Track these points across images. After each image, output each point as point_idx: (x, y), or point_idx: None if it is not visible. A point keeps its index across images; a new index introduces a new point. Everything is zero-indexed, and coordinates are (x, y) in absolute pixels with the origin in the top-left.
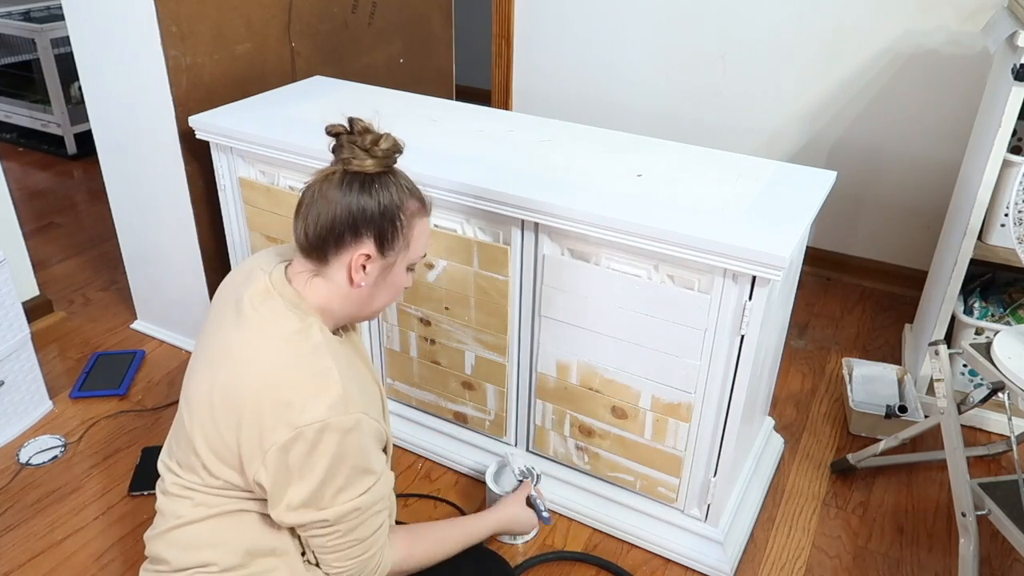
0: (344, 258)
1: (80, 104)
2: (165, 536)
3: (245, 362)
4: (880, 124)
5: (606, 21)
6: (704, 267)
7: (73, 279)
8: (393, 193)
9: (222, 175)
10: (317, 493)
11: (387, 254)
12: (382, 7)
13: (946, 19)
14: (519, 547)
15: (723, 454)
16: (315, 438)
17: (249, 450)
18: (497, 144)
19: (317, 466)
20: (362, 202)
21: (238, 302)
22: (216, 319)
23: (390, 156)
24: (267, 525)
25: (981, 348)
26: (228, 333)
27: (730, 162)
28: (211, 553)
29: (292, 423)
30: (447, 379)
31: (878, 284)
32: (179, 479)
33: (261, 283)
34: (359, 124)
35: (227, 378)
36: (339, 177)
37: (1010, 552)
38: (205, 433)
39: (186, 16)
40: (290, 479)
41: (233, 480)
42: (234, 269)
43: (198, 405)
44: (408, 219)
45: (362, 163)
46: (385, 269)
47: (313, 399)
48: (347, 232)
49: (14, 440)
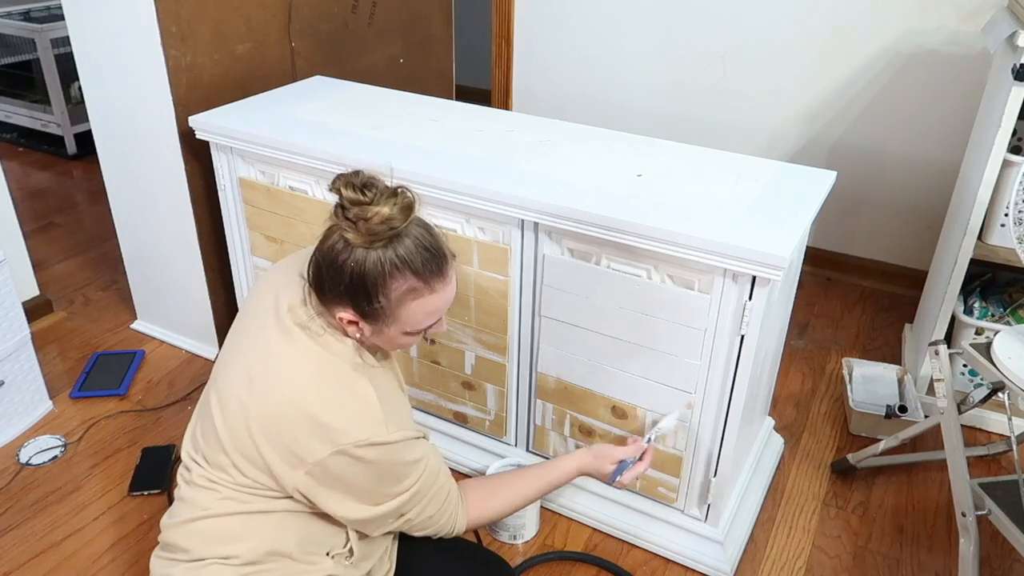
0: (335, 311)
1: (80, 104)
2: (187, 526)
3: (285, 381)
4: (880, 124)
5: (606, 21)
6: (704, 267)
7: (73, 279)
8: (370, 267)
9: (222, 175)
10: (372, 493)
11: (370, 322)
12: (382, 7)
13: (946, 19)
14: (519, 547)
15: (723, 454)
16: (359, 454)
17: (288, 460)
18: (497, 144)
19: (361, 476)
20: (337, 267)
21: (278, 306)
22: (255, 314)
23: (377, 235)
24: (292, 525)
25: (981, 348)
26: (268, 342)
27: (730, 162)
28: (235, 547)
29: (334, 442)
30: (447, 379)
31: (878, 284)
32: (206, 472)
33: (300, 294)
34: (349, 195)
35: (266, 393)
36: (335, 232)
37: (1010, 552)
38: (236, 439)
39: (186, 16)
40: (335, 487)
41: (264, 482)
42: (279, 263)
43: (231, 409)
44: (390, 296)
45: (347, 235)
46: (375, 332)
47: (355, 421)
48: (328, 290)
49: (14, 440)
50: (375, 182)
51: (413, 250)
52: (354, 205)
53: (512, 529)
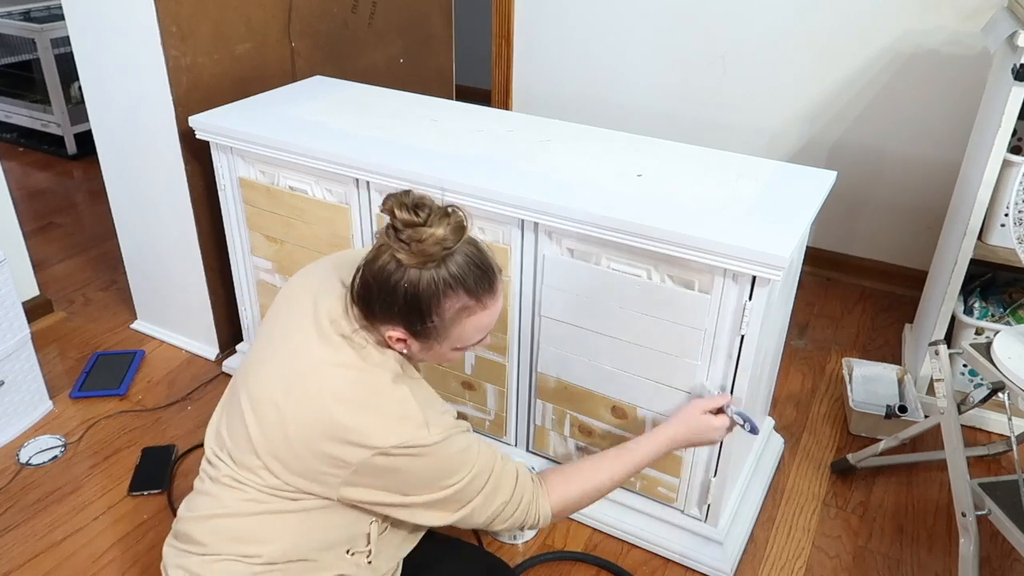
0: (381, 328)
1: (80, 104)
2: (207, 521)
3: (327, 391)
4: (880, 124)
5: (606, 21)
6: (704, 267)
7: (73, 279)
8: (424, 287)
9: (222, 175)
10: (424, 488)
11: (420, 340)
12: (382, 7)
13: (946, 19)
14: (519, 547)
15: (723, 454)
16: (402, 453)
17: (331, 467)
18: (497, 144)
19: (407, 472)
20: (390, 287)
21: (317, 313)
22: (290, 317)
23: (431, 256)
24: (314, 524)
25: (981, 348)
26: (308, 348)
27: (730, 162)
28: (256, 548)
29: (376, 447)
30: (447, 379)
31: (878, 284)
32: (233, 471)
33: (342, 304)
34: (403, 216)
35: (305, 400)
36: (385, 251)
37: (1010, 552)
38: (272, 443)
39: (186, 16)
40: (385, 484)
41: (298, 485)
42: (314, 265)
43: (266, 413)
44: (444, 315)
45: (399, 255)
46: (424, 348)
47: (396, 428)
48: (379, 309)
49: (14, 440)
50: (427, 202)
51: (465, 268)
52: (407, 226)
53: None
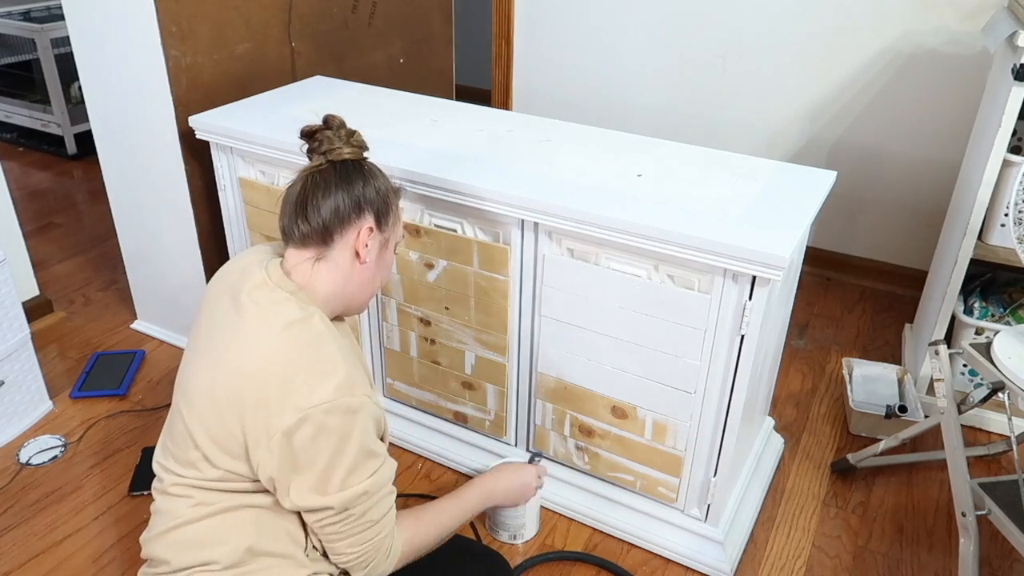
0: (349, 237)
1: (80, 104)
2: (164, 537)
3: (249, 351)
4: (880, 124)
5: (606, 21)
6: (704, 267)
7: (73, 279)
8: (379, 177)
9: (222, 175)
10: (324, 476)
11: (383, 230)
12: (382, 7)
13: (946, 19)
14: (519, 547)
15: (723, 454)
16: (322, 420)
17: (255, 436)
18: (497, 144)
19: (324, 449)
20: (362, 184)
21: (235, 297)
22: (210, 315)
23: (364, 146)
24: (268, 522)
25: (981, 348)
26: (228, 327)
27: (730, 162)
28: (212, 552)
29: (299, 406)
30: (447, 379)
31: (878, 284)
32: (178, 477)
33: (259, 277)
34: (335, 120)
35: (230, 368)
36: (334, 167)
37: (1010, 552)
38: (206, 424)
39: (186, 16)
40: (297, 464)
41: (235, 469)
42: (224, 267)
43: (198, 398)
44: (395, 199)
45: (341, 152)
46: (382, 246)
47: (319, 382)
48: (352, 212)
49: (14, 440)
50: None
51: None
52: (342, 127)
53: (512, 529)
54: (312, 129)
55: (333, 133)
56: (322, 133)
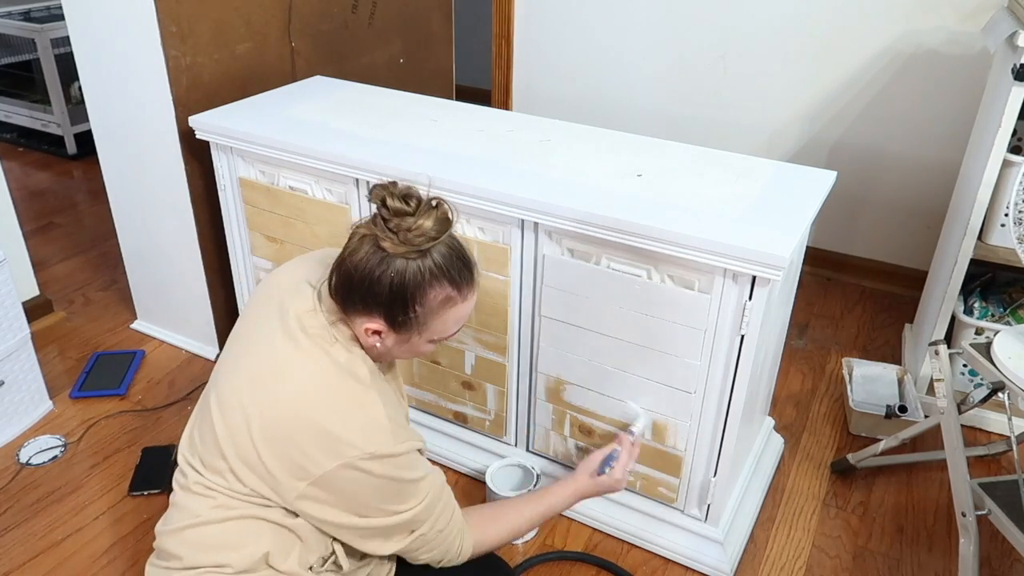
0: (358, 321)
1: (80, 104)
2: (180, 533)
3: (291, 389)
4: (880, 124)
5: (606, 21)
6: (704, 267)
7: (73, 279)
8: (411, 277)
9: (222, 175)
10: (373, 510)
11: (399, 331)
12: (382, 7)
13: (946, 19)
14: (519, 547)
15: (723, 454)
16: (367, 467)
17: (290, 475)
18: (497, 144)
19: (366, 491)
20: (375, 278)
21: (283, 313)
22: (258, 319)
23: (417, 247)
24: (284, 539)
25: (981, 348)
26: (273, 347)
27: (730, 162)
28: (228, 555)
29: (341, 454)
30: (447, 379)
31: (878, 284)
32: (202, 478)
33: (309, 302)
34: (394, 205)
35: (270, 399)
36: (367, 242)
37: (1010, 552)
38: (237, 445)
39: (186, 16)
40: (338, 502)
41: (262, 491)
42: (279, 270)
43: (232, 414)
44: (427, 306)
45: (384, 244)
46: (400, 341)
47: (363, 433)
48: (359, 300)
49: (14, 440)
50: (414, 192)
51: (449, 259)
52: (396, 216)
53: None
54: (374, 199)
55: (384, 218)
56: (376, 215)
